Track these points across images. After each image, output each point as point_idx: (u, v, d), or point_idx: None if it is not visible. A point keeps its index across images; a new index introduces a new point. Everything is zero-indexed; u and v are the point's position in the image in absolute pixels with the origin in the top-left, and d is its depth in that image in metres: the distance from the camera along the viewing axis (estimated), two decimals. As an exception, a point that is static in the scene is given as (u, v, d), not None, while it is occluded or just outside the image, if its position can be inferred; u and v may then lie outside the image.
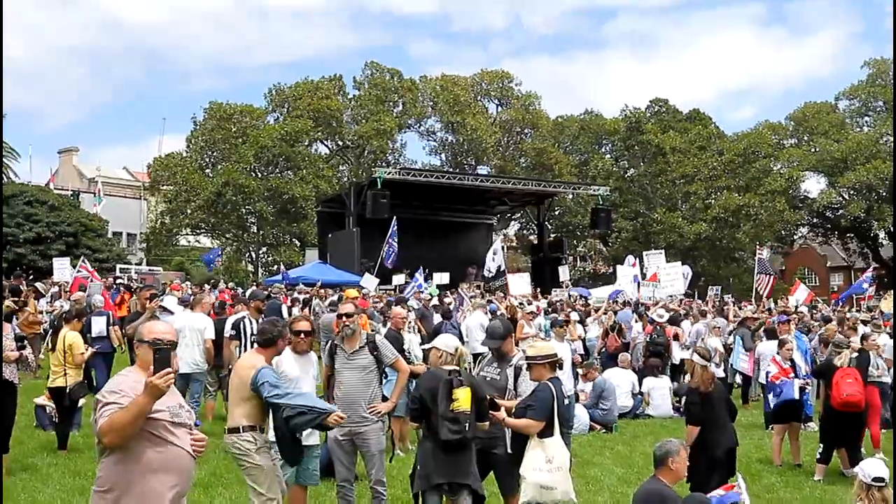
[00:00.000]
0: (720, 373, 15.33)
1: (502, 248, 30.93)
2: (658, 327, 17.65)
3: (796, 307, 23.71)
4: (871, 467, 6.25)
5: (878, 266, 53.37)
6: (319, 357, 8.47)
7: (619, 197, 54.07)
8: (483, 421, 6.55)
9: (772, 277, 27.05)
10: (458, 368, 6.59)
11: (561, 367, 7.50)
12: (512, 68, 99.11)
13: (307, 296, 22.48)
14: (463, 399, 6.32)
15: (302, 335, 7.33)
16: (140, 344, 4.53)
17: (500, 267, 27.66)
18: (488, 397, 6.71)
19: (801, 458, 11.62)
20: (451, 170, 49.46)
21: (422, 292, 24.56)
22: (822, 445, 10.81)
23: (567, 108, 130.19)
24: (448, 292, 25.30)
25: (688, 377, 16.19)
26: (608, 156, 59.25)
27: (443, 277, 28.91)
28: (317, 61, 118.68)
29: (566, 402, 7.91)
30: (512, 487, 6.81)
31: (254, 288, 22.60)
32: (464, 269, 34.09)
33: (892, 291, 24.11)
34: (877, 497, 6.08)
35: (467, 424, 6.30)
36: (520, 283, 26.23)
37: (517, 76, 60.47)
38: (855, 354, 11.42)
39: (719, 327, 18.48)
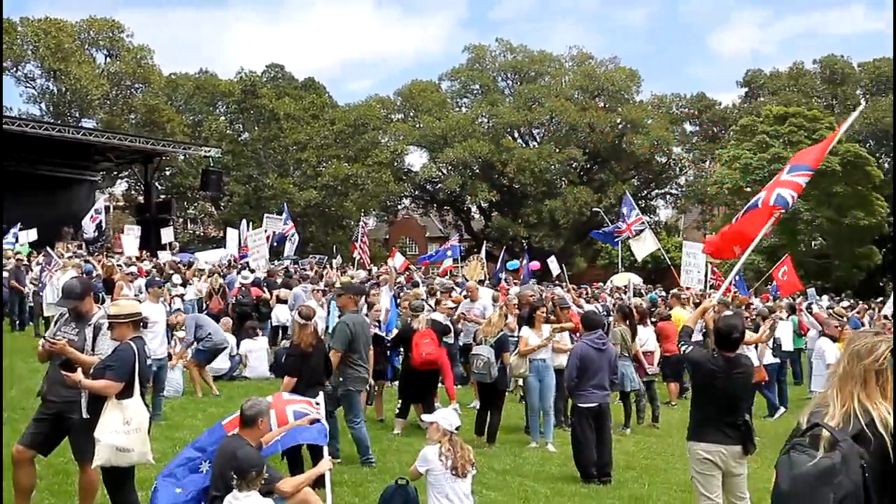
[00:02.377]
0: None
1: (106, 207, 29.52)
2: (244, 289, 17.94)
3: (397, 273, 25.25)
4: (450, 416, 6.99)
5: (468, 238, 58.20)
6: None
7: (231, 160, 53.58)
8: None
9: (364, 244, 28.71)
10: None
11: (145, 327, 7.37)
12: (127, 19, 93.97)
13: None
14: None
15: None
16: None
17: (100, 227, 26.37)
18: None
19: (383, 414, 12.47)
20: (50, 121, 45.93)
21: (12, 249, 22.84)
22: (401, 401, 11.68)
23: (184, 65, 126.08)
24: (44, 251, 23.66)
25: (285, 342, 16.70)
26: (223, 118, 58.49)
27: (29, 234, 26.97)
28: None
29: (148, 362, 7.80)
30: (87, 453, 6.56)
31: None
32: (62, 227, 31.99)
33: (474, 258, 26.49)
34: (455, 441, 6.77)
35: None
36: (130, 242, 25.36)
37: (129, 27, 57.48)
38: (432, 317, 12.46)
39: (319, 290, 19.11)
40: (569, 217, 53.75)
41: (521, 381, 11.51)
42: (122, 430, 6.20)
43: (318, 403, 7.52)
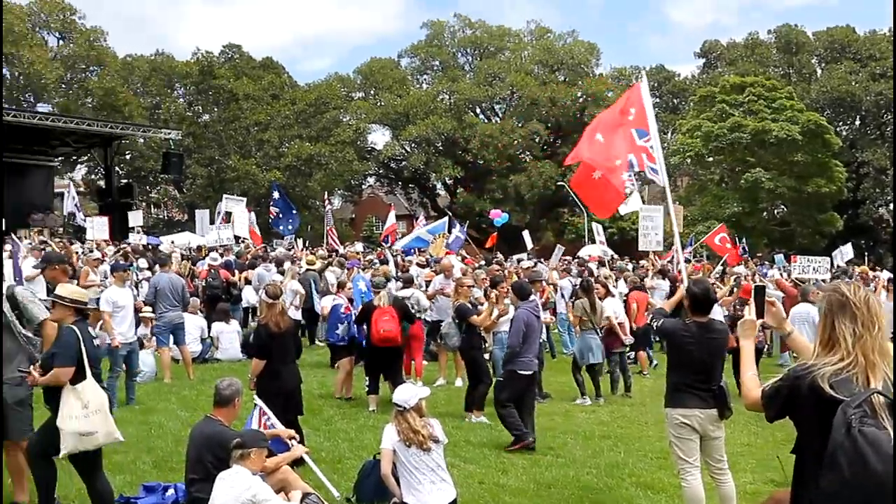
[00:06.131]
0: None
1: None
2: (213, 270, 17.78)
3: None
4: (404, 394, 7.12)
5: (435, 215, 58.08)
6: None
7: (192, 142, 53.03)
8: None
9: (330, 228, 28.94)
10: None
11: (87, 317, 7.04)
12: (77, 1, 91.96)
13: None
14: None
15: None
16: None
17: (75, 211, 26.15)
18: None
19: (351, 393, 12.45)
20: (5, 106, 45.04)
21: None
22: (368, 378, 11.64)
23: (137, 47, 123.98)
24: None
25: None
26: (181, 99, 57.77)
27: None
28: None
29: (97, 343, 7.69)
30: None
31: None
32: (21, 214, 31.47)
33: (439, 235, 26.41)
34: (409, 417, 6.89)
35: None
36: (99, 228, 25.20)
37: (80, 9, 56.42)
38: (402, 294, 12.41)
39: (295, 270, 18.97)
40: (534, 192, 53.73)
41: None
42: (81, 415, 6.12)
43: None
